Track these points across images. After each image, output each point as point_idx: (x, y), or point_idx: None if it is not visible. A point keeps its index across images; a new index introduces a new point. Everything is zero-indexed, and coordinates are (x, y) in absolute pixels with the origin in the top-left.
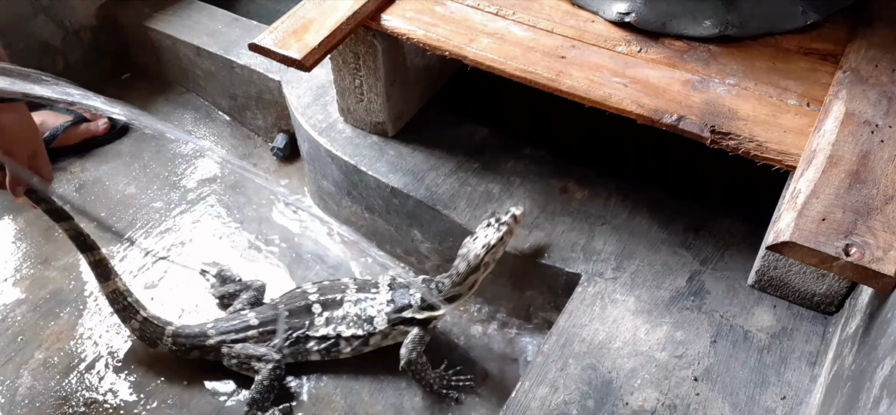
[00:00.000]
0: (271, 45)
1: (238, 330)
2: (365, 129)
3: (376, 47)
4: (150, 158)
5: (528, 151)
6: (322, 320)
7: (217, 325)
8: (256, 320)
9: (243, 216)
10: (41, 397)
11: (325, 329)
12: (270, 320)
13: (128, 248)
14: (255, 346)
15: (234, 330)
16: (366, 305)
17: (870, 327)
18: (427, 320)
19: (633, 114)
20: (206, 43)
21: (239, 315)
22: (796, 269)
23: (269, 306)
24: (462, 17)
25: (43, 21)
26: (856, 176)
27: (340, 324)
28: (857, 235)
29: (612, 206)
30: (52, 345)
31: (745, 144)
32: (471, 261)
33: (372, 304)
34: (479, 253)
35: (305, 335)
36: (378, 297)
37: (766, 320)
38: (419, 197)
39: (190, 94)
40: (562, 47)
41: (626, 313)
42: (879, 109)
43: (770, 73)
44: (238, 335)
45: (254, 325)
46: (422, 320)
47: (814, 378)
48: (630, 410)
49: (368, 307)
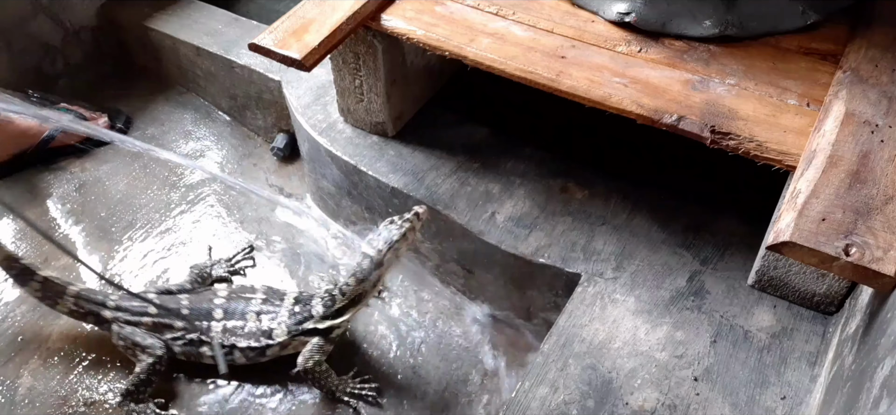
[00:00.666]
0: (271, 45)
1: (135, 311)
2: (365, 129)
3: (376, 47)
4: (151, 158)
5: (528, 151)
6: (220, 327)
7: (120, 300)
8: (155, 308)
9: (243, 216)
10: (41, 397)
11: (221, 337)
12: (171, 313)
13: (128, 248)
14: (143, 334)
15: (130, 310)
16: (267, 317)
17: (870, 327)
18: (329, 330)
19: (633, 114)
20: (206, 43)
21: (144, 296)
22: (796, 269)
23: (173, 299)
24: (462, 17)
25: (43, 21)
26: (856, 176)
27: (238, 334)
28: (857, 235)
29: (612, 206)
30: (52, 345)
31: (745, 144)
32: (374, 257)
33: (274, 316)
34: (381, 249)
35: (200, 339)
36: (281, 309)
37: (766, 320)
38: (419, 197)
39: (190, 94)
40: (562, 47)
41: (626, 313)
42: (879, 109)
43: (770, 73)
44: (132, 317)
45: (151, 312)
46: (323, 329)
47: (814, 378)
48: (630, 410)
49: (269, 319)
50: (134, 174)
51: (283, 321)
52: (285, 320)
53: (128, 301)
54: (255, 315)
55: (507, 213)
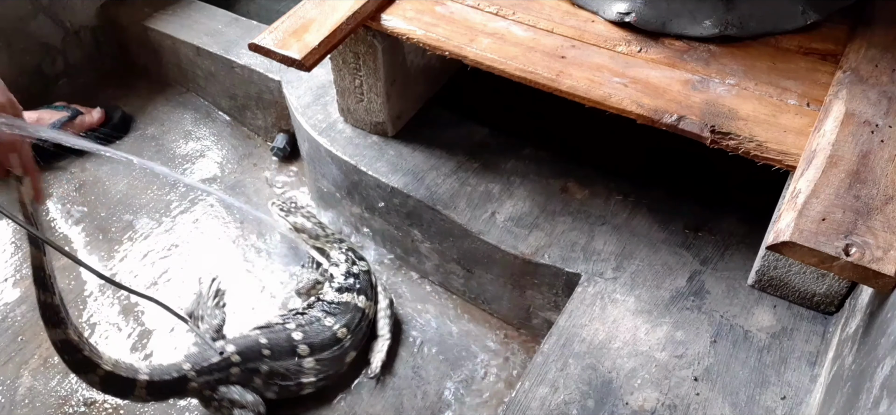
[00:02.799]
0: (271, 45)
1: (220, 368)
2: (365, 129)
3: (376, 47)
4: (151, 157)
5: (528, 151)
6: (306, 350)
7: (194, 362)
8: (238, 356)
9: (243, 216)
10: (41, 397)
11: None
12: (254, 355)
13: (128, 248)
14: (241, 391)
15: (216, 368)
16: (331, 318)
17: (870, 327)
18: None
19: (633, 114)
20: (206, 43)
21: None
22: (796, 269)
23: (250, 338)
24: (462, 17)
25: (43, 21)
26: (856, 176)
27: (322, 349)
28: (857, 235)
29: (612, 206)
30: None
31: (745, 144)
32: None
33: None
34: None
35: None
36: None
37: (766, 320)
38: (419, 197)
39: (190, 94)
40: (562, 47)
41: (626, 313)
42: (879, 109)
43: (770, 73)
44: (220, 375)
45: (235, 362)
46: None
47: (814, 378)
48: (630, 410)
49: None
50: (134, 174)
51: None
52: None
53: (206, 360)
54: (328, 317)
55: (507, 213)
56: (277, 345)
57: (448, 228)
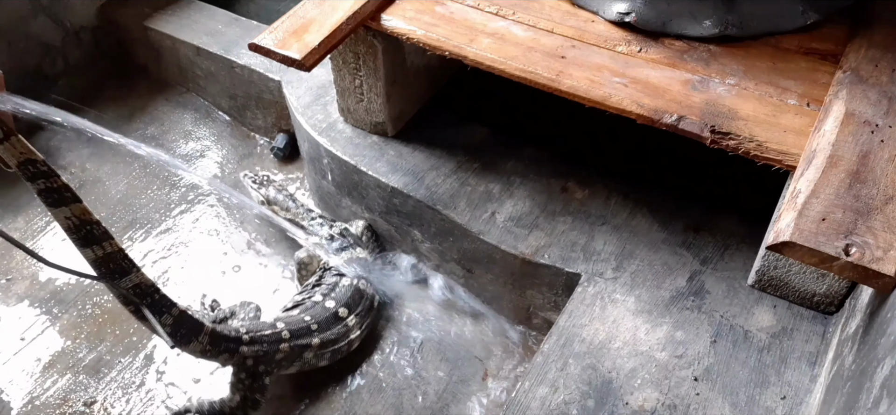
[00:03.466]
0: (271, 45)
1: (271, 340)
2: (365, 129)
3: (376, 47)
4: (151, 157)
5: (528, 151)
6: (346, 313)
7: (251, 331)
8: (288, 332)
9: (243, 216)
10: (41, 398)
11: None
12: (303, 331)
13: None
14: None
15: (266, 339)
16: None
17: (870, 327)
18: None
19: (633, 114)
20: (206, 43)
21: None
22: (796, 269)
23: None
24: (462, 17)
25: (43, 21)
26: (856, 176)
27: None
28: (857, 235)
29: (612, 206)
30: (52, 345)
31: (745, 144)
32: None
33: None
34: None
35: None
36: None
37: (766, 320)
38: (419, 197)
39: (190, 94)
40: (562, 47)
41: (626, 313)
42: (879, 109)
43: (770, 73)
44: (270, 347)
45: (285, 338)
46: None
47: (814, 378)
48: (630, 409)
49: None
50: (134, 174)
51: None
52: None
53: (260, 330)
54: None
55: (507, 213)
56: (320, 316)
57: (448, 227)
